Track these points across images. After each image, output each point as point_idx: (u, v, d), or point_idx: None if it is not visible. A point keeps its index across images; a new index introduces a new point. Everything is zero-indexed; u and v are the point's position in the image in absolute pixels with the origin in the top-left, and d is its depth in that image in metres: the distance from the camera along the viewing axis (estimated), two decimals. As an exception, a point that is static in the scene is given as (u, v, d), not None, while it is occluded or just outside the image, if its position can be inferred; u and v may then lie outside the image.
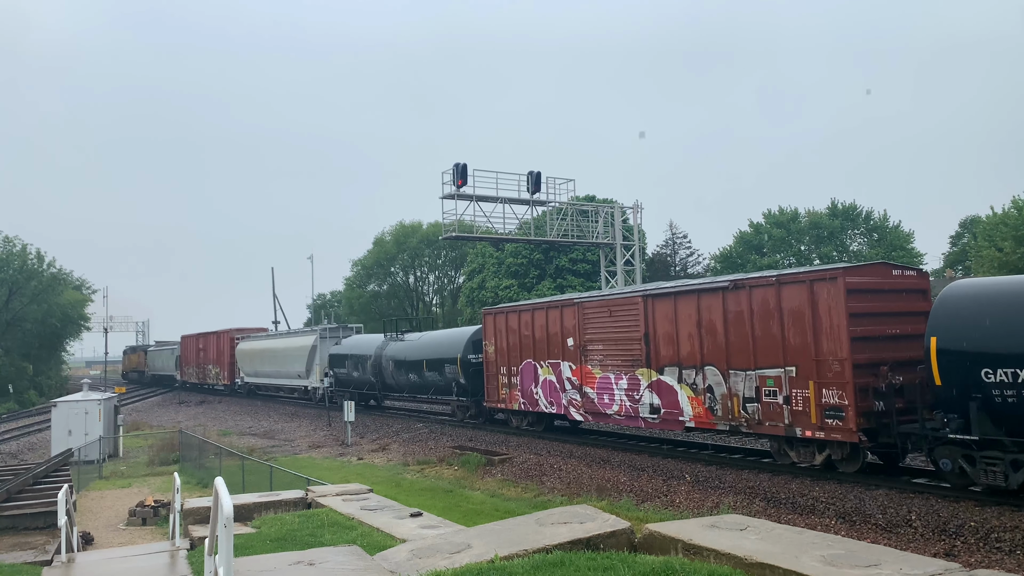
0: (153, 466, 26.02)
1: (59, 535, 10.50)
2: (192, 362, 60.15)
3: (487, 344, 25.56)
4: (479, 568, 6.13)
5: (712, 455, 18.49)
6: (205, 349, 57.21)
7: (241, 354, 49.67)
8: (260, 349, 46.90)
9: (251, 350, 48.30)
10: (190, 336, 61.21)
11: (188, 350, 61.67)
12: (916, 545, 11.17)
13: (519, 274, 49.41)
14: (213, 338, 55.70)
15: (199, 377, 58.76)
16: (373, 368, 33.02)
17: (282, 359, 42.78)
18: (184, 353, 62.50)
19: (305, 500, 11.33)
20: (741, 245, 53.71)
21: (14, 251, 60.04)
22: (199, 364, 58.37)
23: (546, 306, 23.30)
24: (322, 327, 40.46)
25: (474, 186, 28.84)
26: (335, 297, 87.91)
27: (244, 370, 49.36)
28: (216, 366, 54.64)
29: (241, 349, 49.97)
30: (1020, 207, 37.00)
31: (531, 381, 23.41)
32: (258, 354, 46.87)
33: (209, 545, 5.73)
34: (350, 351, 35.92)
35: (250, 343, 49.27)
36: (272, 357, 44.35)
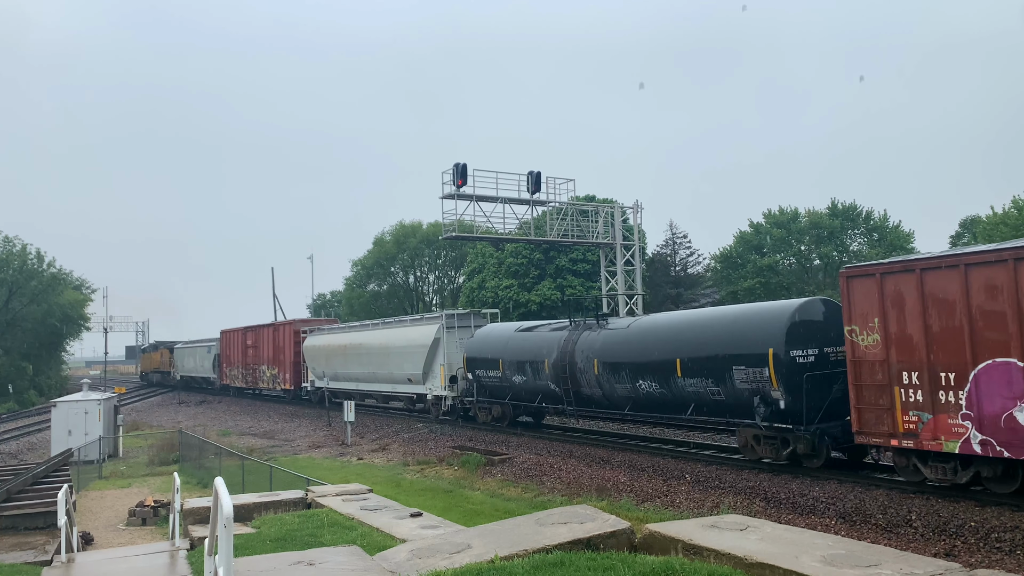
0: (153, 466, 26.01)
1: (59, 535, 10.50)
2: (237, 362, 50.26)
3: (861, 330, 14.23)
4: (479, 568, 6.13)
5: (712, 455, 18.48)
6: (256, 346, 46.76)
7: (312, 351, 38.72)
8: (343, 345, 35.61)
9: (328, 346, 37.11)
10: (234, 331, 51.75)
11: (231, 347, 51.68)
12: (916, 545, 11.17)
13: (519, 274, 49.37)
14: (267, 332, 45.61)
15: (247, 380, 48.61)
16: (556, 371, 22.27)
17: (382, 358, 32.23)
18: (226, 351, 52.91)
19: (305, 500, 11.33)
20: (741, 245, 53.64)
21: (14, 251, 60.05)
22: (247, 364, 48.35)
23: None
24: (447, 313, 29.84)
25: (474, 186, 28.81)
26: (335, 297, 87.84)
27: (317, 372, 38.49)
28: (273, 367, 44.13)
29: (312, 345, 38.97)
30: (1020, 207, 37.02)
31: (1009, 396, 12.10)
32: (339, 351, 35.74)
33: (209, 545, 5.73)
34: (510, 346, 25.00)
35: (325, 337, 38.23)
36: (366, 355, 33.56)
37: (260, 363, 46.52)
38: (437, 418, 29.08)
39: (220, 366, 53.92)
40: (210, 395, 55.00)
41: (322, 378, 37.85)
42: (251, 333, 48.43)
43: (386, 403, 34.30)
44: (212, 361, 55.60)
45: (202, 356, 58.54)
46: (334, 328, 39.77)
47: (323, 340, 38.12)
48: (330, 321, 46.28)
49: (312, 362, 38.97)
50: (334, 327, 39.37)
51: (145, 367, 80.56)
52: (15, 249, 60.17)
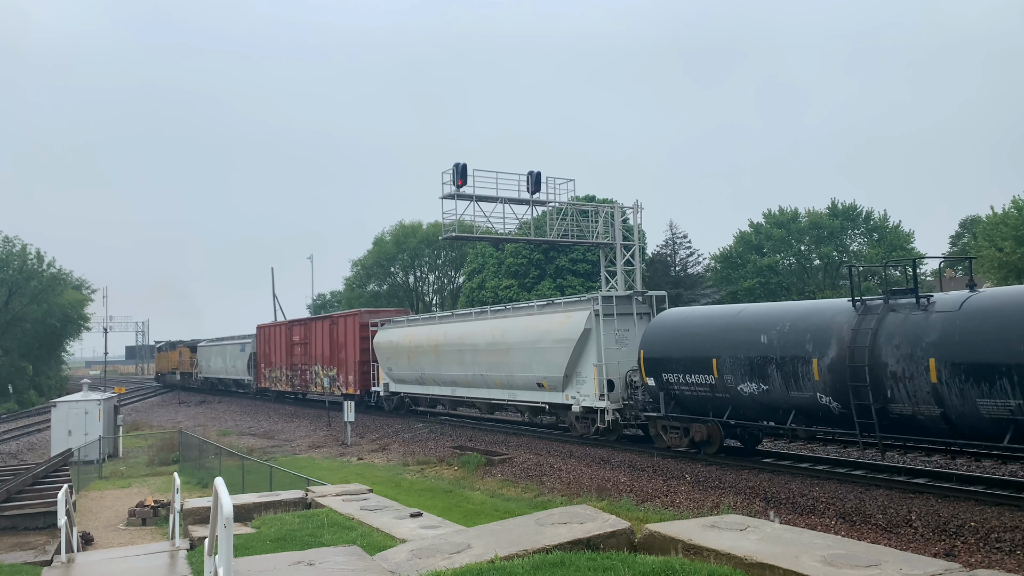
0: (153, 466, 26.01)
1: (59, 535, 10.50)
2: (280, 362, 43.31)
3: None
4: (479, 568, 6.13)
5: (712, 455, 18.48)
6: (307, 342, 39.51)
7: (387, 349, 31.30)
8: (434, 341, 27.74)
9: (411, 342, 29.30)
10: (274, 325, 45.72)
11: (271, 345, 44.69)
12: (916, 545, 11.17)
13: (519, 274, 49.38)
14: (321, 326, 38.20)
15: (294, 383, 41.37)
16: (834, 377, 14.40)
17: (498, 357, 24.25)
18: (263, 349, 45.91)
19: (305, 500, 11.33)
20: (741, 245, 53.66)
21: (14, 251, 60.05)
22: (293, 365, 41.22)
23: None
24: (603, 295, 21.47)
25: (474, 186, 28.83)
26: (335, 297, 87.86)
27: (394, 373, 31.29)
28: (330, 367, 36.70)
29: (386, 341, 31.33)
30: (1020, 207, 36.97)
31: None
32: (427, 349, 28.09)
33: (209, 545, 5.73)
34: (730, 338, 16.79)
35: (406, 331, 30.46)
36: (470, 353, 25.77)
37: (311, 363, 38.79)
38: (587, 437, 21.46)
39: (257, 367, 46.91)
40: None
41: (400, 381, 30.96)
42: (299, 328, 41.16)
43: (491, 412, 27.56)
44: (247, 361, 48.28)
45: (233, 355, 51.21)
46: (416, 320, 31.31)
47: (402, 334, 30.30)
48: (400, 312, 38.07)
49: (387, 361, 31.42)
50: (416, 318, 31.45)
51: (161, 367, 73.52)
52: (15, 249, 60.18)
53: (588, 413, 21.16)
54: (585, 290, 44.16)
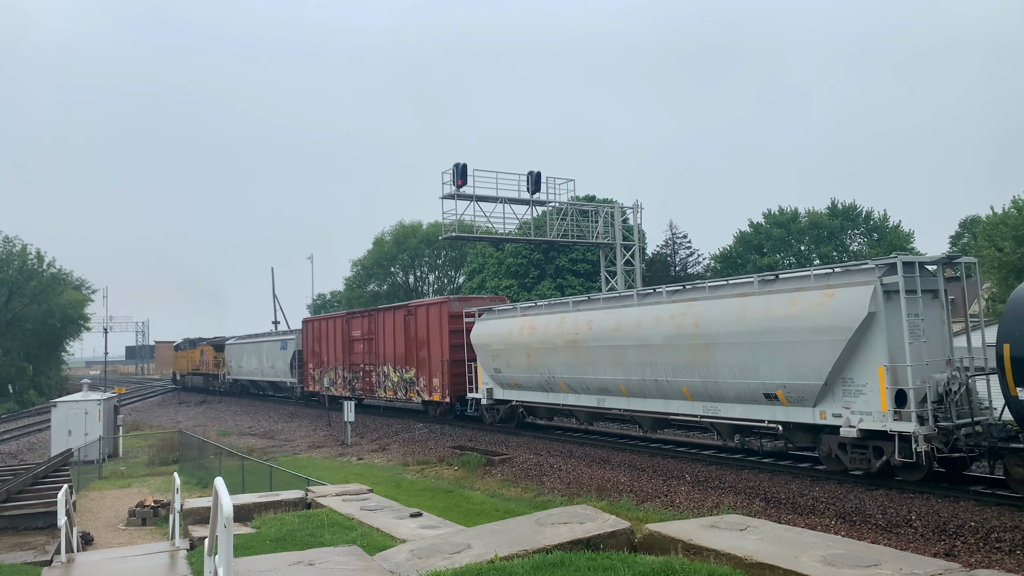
0: (153, 466, 26.02)
1: (59, 535, 10.50)
2: (335, 361, 36.76)
3: None
4: (479, 568, 6.13)
5: (712, 455, 18.49)
6: (373, 337, 32.98)
7: (490, 344, 24.53)
8: (571, 333, 21.03)
9: (529, 337, 22.59)
10: (327, 318, 39.41)
11: (322, 341, 38.17)
12: (916, 545, 11.17)
13: (519, 274, 49.39)
14: (394, 317, 31.34)
15: (354, 386, 34.69)
16: None
17: (691, 355, 17.47)
18: (312, 347, 39.46)
19: (305, 500, 11.33)
20: (741, 245, 53.74)
21: (14, 251, 60.07)
22: (354, 365, 34.84)
23: None
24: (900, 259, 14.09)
25: (474, 186, 28.87)
26: (335, 297, 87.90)
27: (503, 376, 24.24)
28: (407, 368, 29.95)
29: (489, 334, 24.64)
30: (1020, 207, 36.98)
31: None
32: (563, 344, 21.32)
33: (209, 545, 5.73)
34: None
35: (518, 321, 23.40)
36: (632, 350, 19.09)
37: (378, 362, 32.47)
38: (877, 471, 14.31)
39: (303, 367, 40.76)
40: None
41: (513, 386, 24.04)
42: (362, 320, 34.64)
43: (658, 429, 20.52)
44: (289, 361, 42.08)
45: (272, 354, 44.69)
46: (537, 307, 23.53)
47: (515, 326, 23.29)
48: (496, 300, 30.62)
49: (492, 361, 24.47)
50: (535, 306, 23.80)
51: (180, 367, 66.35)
52: (15, 249, 60.21)
53: (867, 439, 14.25)
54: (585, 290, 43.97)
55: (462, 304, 28.14)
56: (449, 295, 38.65)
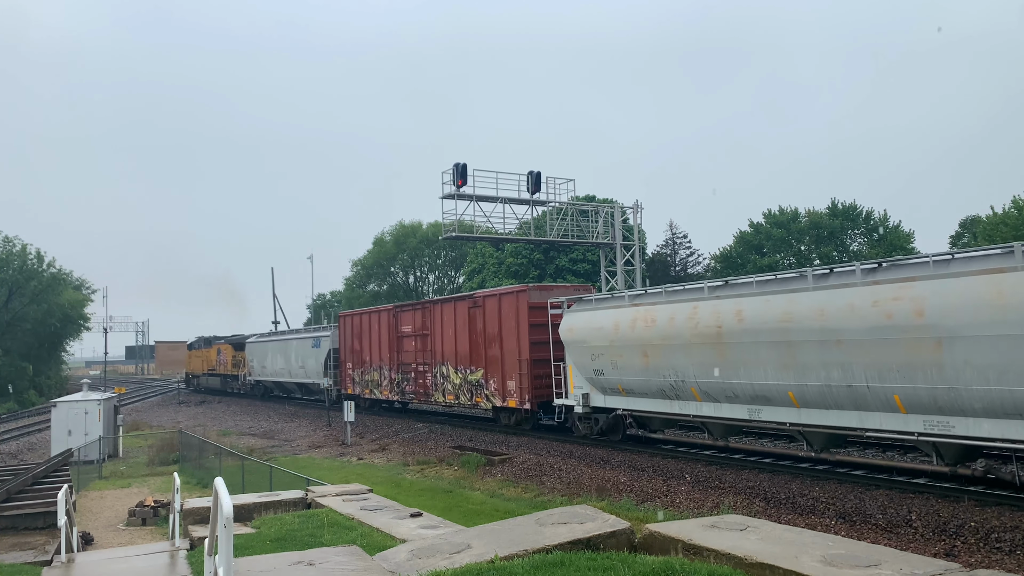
0: (153, 466, 26.02)
1: (59, 535, 10.50)
2: (382, 360, 32.75)
3: None
4: (479, 568, 6.13)
5: (712, 455, 18.50)
6: (429, 333, 29.06)
7: (589, 341, 20.29)
8: (706, 327, 16.78)
9: (644, 331, 18.51)
10: (370, 312, 34.78)
11: (364, 339, 34.36)
12: (916, 545, 11.17)
13: (519, 274, 49.39)
14: (458, 310, 27.34)
15: (405, 390, 30.92)
16: None
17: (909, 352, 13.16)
18: (351, 345, 35.47)
19: (305, 500, 11.33)
20: (741, 245, 53.76)
21: (14, 251, 60.12)
22: (404, 365, 30.90)
23: None
24: None
25: (474, 186, 28.87)
26: (335, 297, 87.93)
27: (607, 380, 20.04)
28: (473, 368, 26.12)
29: (587, 328, 20.42)
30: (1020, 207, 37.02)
31: None
32: (697, 340, 17.06)
33: (209, 545, 5.73)
34: None
35: (628, 311, 19.22)
36: (816, 348, 14.65)
37: (434, 362, 28.65)
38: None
39: (340, 367, 36.92)
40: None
41: (620, 392, 19.68)
42: (413, 313, 30.55)
43: (830, 448, 15.92)
44: (323, 361, 38.34)
45: (302, 353, 40.91)
46: (650, 295, 19.03)
47: (621, 319, 19.06)
48: (580, 288, 26.67)
49: (591, 361, 20.15)
50: (653, 293, 19.15)
51: (194, 368, 62.25)
52: (15, 249, 60.26)
53: None
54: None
55: (544, 293, 23.91)
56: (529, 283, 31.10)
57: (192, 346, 64.78)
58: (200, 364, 60.51)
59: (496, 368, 24.96)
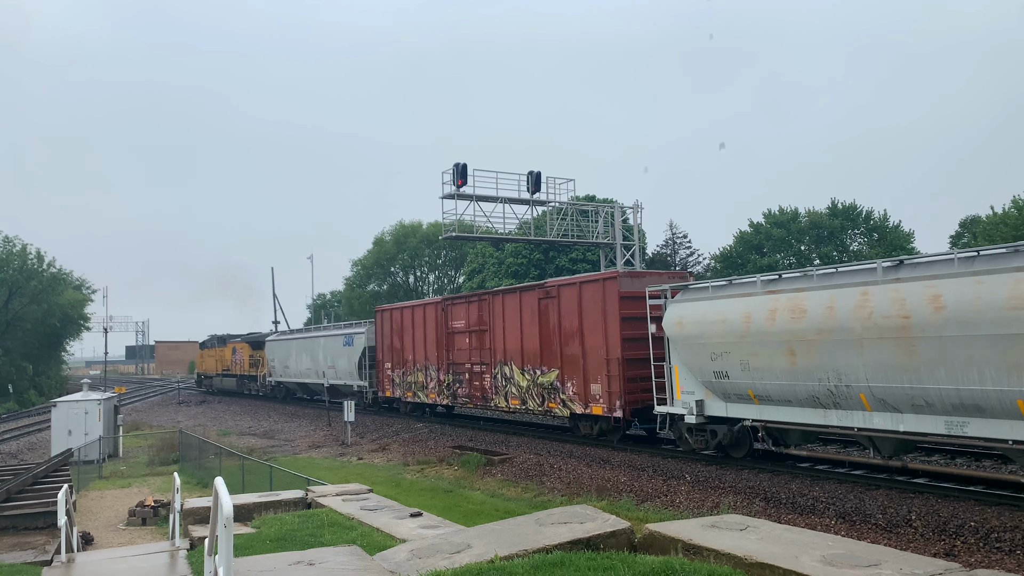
0: (153, 466, 26.03)
1: (59, 535, 10.51)
2: (427, 360, 29.36)
3: None
4: (479, 568, 6.13)
5: (712, 455, 18.51)
6: (488, 329, 25.57)
7: (705, 337, 16.84)
8: (897, 316, 13.25)
9: (788, 323, 15.02)
10: (414, 306, 31.29)
11: (407, 335, 30.83)
12: (916, 545, 11.17)
13: (519, 274, 49.37)
14: (526, 301, 23.81)
15: (455, 393, 27.69)
16: None
17: None
18: (391, 343, 32.16)
19: (305, 500, 11.34)
20: (741, 245, 53.75)
21: (14, 251, 60.11)
22: (457, 365, 27.43)
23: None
24: None
25: (474, 186, 28.87)
26: (335, 297, 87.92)
27: (729, 385, 16.56)
28: (545, 369, 22.77)
29: (702, 321, 16.89)
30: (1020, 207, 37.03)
31: None
32: (882, 335, 13.51)
33: (209, 545, 5.73)
34: None
35: (761, 300, 15.76)
36: None
37: (496, 361, 25.14)
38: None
39: (376, 368, 33.67)
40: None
41: (743, 398, 16.39)
42: (467, 306, 27.14)
43: None
44: (358, 360, 34.91)
45: (333, 352, 37.41)
46: (795, 280, 15.67)
47: (755, 308, 15.85)
48: (675, 275, 22.26)
49: (710, 360, 16.77)
50: (796, 278, 15.77)
51: (206, 368, 59.05)
52: (15, 249, 60.24)
53: None
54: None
55: (638, 281, 20.47)
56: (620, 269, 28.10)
57: (204, 345, 61.32)
58: (214, 364, 57.27)
59: (575, 369, 21.62)
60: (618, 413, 20.07)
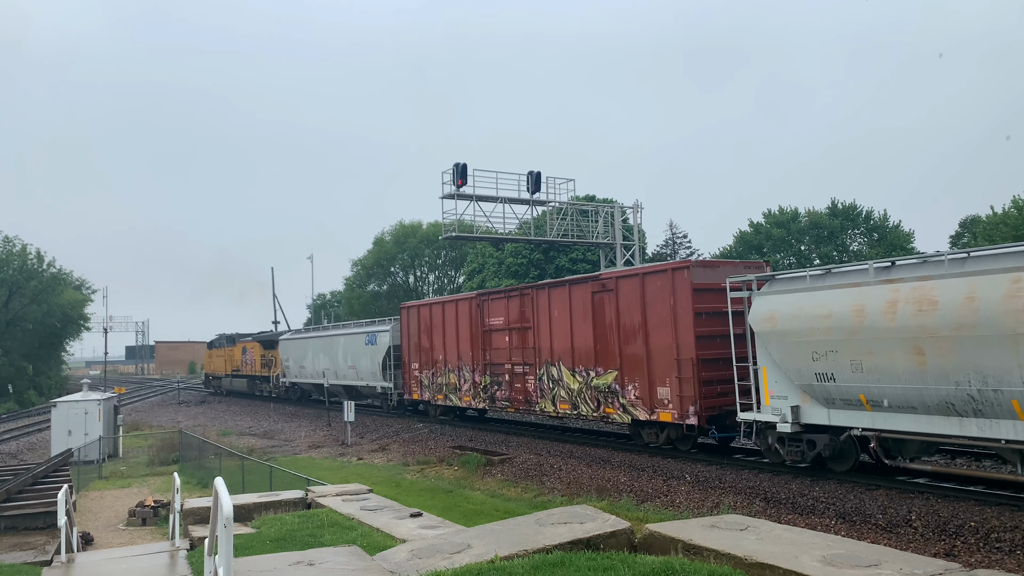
0: (153, 466, 26.03)
1: (59, 535, 10.51)
2: (460, 359, 27.07)
3: None
4: (479, 568, 6.13)
5: (712, 455, 18.50)
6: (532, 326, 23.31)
7: (809, 335, 14.45)
8: None
9: (920, 320, 12.67)
10: (439, 302, 29.07)
11: (437, 333, 28.57)
12: (916, 545, 11.17)
13: (519, 274, 49.37)
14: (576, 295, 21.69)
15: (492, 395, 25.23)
16: None
17: None
18: (419, 340, 29.81)
19: (305, 500, 11.34)
20: (741, 245, 53.74)
21: (14, 251, 60.11)
22: (495, 365, 25.13)
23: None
24: None
25: (474, 186, 28.87)
26: (335, 297, 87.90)
27: (841, 388, 14.18)
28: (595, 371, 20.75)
29: (797, 312, 14.68)
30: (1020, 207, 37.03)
31: None
32: None
33: (209, 545, 5.73)
34: None
35: (880, 290, 13.41)
36: None
37: (540, 361, 22.85)
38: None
39: (402, 368, 31.38)
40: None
41: (851, 403, 14.24)
42: (506, 301, 24.66)
43: None
44: (381, 360, 32.66)
45: (353, 351, 35.28)
46: (917, 267, 13.43)
47: (870, 301, 13.62)
48: (750, 264, 19.68)
49: (812, 361, 14.68)
50: (919, 264, 13.57)
51: (215, 368, 56.55)
52: (15, 249, 60.25)
53: None
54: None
55: (713, 271, 18.26)
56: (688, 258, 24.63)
57: (213, 344, 58.46)
58: (223, 364, 54.75)
59: (638, 370, 19.31)
60: (691, 420, 17.63)
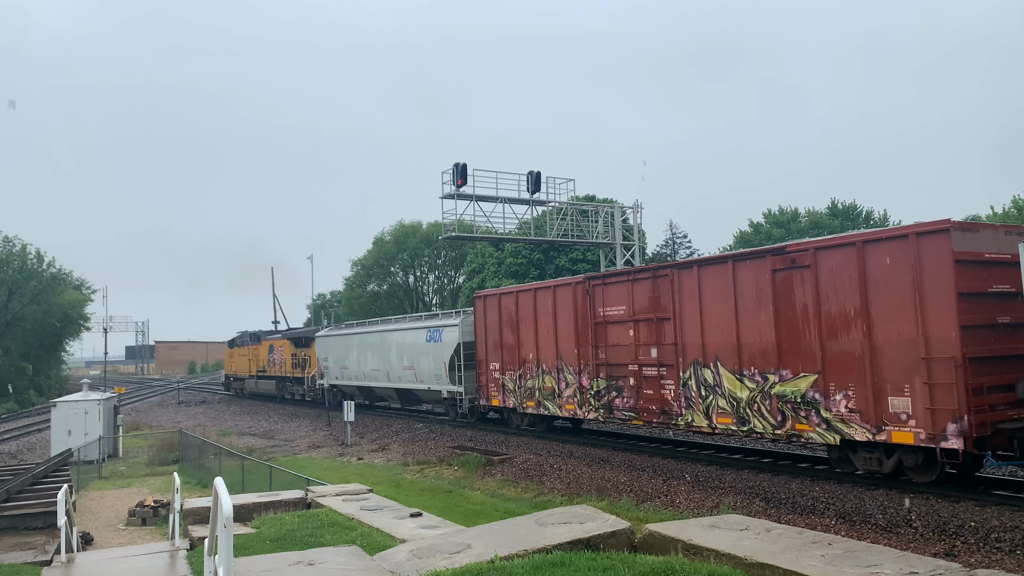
0: (153, 466, 26.02)
1: (59, 535, 10.51)
2: (557, 358, 22.23)
3: None
4: (479, 568, 6.13)
5: (712, 455, 18.49)
6: (667, 318, 18.31)
7: None
8: None
9: None
10: (529, 289, 24.04)
11: (523, 327, 23.88)
12: (916, 545, 11.17)
13: (519, 274, 49.35)
14: (711, 278, 17.14)
15: (610, 404, 20.22)
16: None
17: None
18: (494, 335, 25.46)
19: (305, 500, 11.34)
20: (741, 245, 53.75)
21: (14, 251, 60.10)
22: (610, 367, 20.21)
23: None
24: None
25: (474, 186, 28.86)
26: (335, 297, 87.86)
27: None
28: (778, 373, 15.46)
29: None
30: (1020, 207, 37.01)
31: None
32: None
33: (209, 545, 5.73)
34: None
35: None
36: None
37: (686, 360, 17.90)
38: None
39: (477, 369, 26.60)
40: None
41: None
42: (631, 286, 19.74)
43: None
44: (449, 360, 27.74)
45: (410, 349, 30.29)
46: None
47: None
48: (1011, 228, 14.35)
49: None
50: None
51: (237, 369, 51.97)
52: (15, 249, 60.23)
53: None
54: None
55: (978, 236, 13.44)
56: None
57: (234, 343, 52.77)
58: (246, 364, 49.27)
59: (851, 373, 14.31)
60: (952, 443, 12.70)
